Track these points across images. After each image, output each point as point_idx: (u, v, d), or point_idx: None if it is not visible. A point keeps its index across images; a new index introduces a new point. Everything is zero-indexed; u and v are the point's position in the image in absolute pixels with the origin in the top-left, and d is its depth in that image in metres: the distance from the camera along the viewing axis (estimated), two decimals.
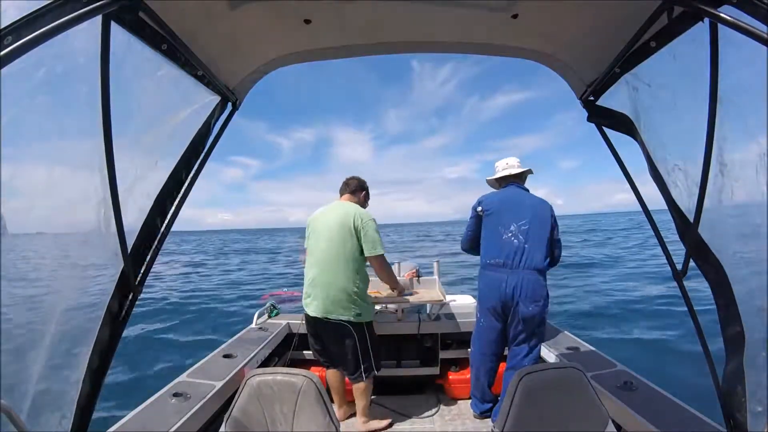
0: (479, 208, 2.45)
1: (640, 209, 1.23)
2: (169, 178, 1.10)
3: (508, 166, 2.54)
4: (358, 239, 2.26)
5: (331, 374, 2.47)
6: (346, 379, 2.43)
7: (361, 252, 2.28)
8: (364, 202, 2.52)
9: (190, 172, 1.15)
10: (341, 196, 2.49)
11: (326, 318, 2.21)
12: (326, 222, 2.32)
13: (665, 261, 1.15)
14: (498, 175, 2.55)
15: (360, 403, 2.36)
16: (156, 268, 1.11)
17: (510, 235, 2.33)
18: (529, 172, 2.54)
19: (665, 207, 1.09)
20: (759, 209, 0.81)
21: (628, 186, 1.22)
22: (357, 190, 2.49)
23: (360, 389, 2.32)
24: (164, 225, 1.10)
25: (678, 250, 1.10)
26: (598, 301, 7.84)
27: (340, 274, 2.21)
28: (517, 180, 2.52)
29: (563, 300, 7.83)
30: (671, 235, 1.14)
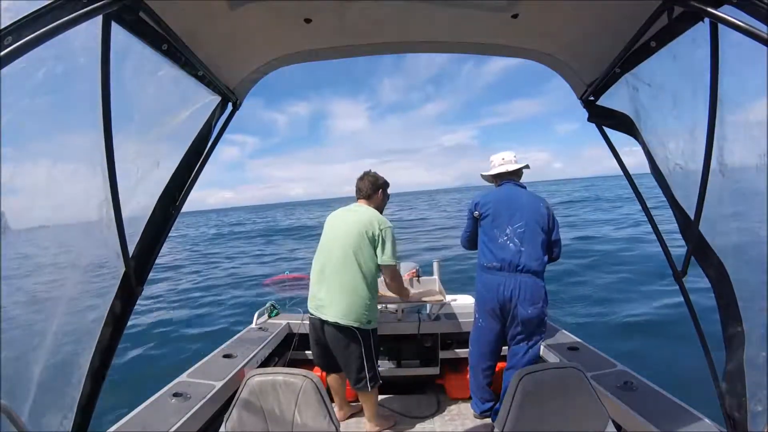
0: (476, 212, 2.43)
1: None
2: (171, 178, 1.10)
3: (504, 161, 2.48)
4: (374, 247, 2.23)
5: (332, 377, 2.46)
6: (347, 379, 2.42)
7: (376, 260, 2.26)
8: (381, 202, 2.44)
9: (191, 173, 1.15)
10: (357, 199, 2.43)
11: (337, 323, 2.18)
12: (345, 226, 2.28)
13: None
14: (494, 171, 2.51)
15: (368, 411, 2.35)
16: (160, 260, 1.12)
17: (506, 238, 2.31)
18: (526, 167, 2.49)
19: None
20: (759, 209, 0.81)
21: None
22: (372, 192, 2.39)
23: (368, 398, 2.31)
24: (166, 225, 1.10)
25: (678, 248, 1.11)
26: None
27: (356, 281, 2.19)
28: (514, 177, 2.47)
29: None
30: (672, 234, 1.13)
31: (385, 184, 2.46)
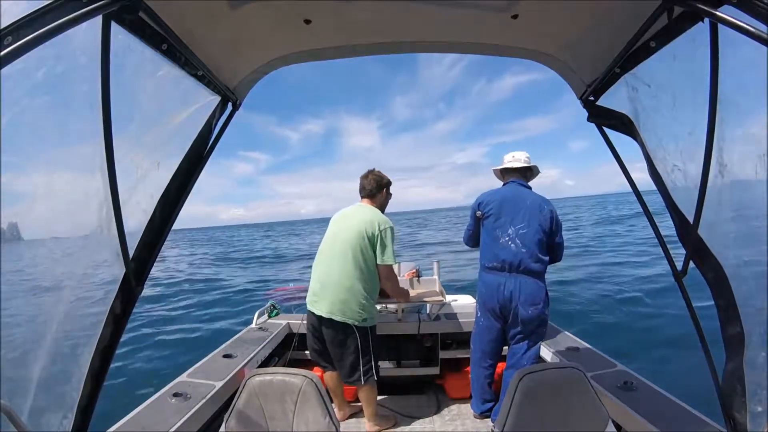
0: (478, 212, 2.44)
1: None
2: (171, 178, 1.10)
3: (513, 159, 2.49)
4: (373, 248, 2.25)
5: (329, 376, 2.46)
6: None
7: (375, 260, 2.27)
8: (385, 201, 2.46)
9: (192, 173, 1.15)
10: (361, 198, 2.45)
11: (331, 318, 2.20)
12: (346, 226, 2.30)
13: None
14: (502, 166, 2.53)
15: (368, 410, 2.35)
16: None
17: (507, 239, 2.32)
18: (536, 169, 2.50)
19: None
20: (759, 210, 0.81)
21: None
22: (375, 192, 2.42)
23: (366, 396, 2.31)
24: (166, 225, 1.10)
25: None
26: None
27: (353, 280, 2.20)
28: (521, 177, 2.48)
29: None
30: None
31: (389, 183, 2.48)
